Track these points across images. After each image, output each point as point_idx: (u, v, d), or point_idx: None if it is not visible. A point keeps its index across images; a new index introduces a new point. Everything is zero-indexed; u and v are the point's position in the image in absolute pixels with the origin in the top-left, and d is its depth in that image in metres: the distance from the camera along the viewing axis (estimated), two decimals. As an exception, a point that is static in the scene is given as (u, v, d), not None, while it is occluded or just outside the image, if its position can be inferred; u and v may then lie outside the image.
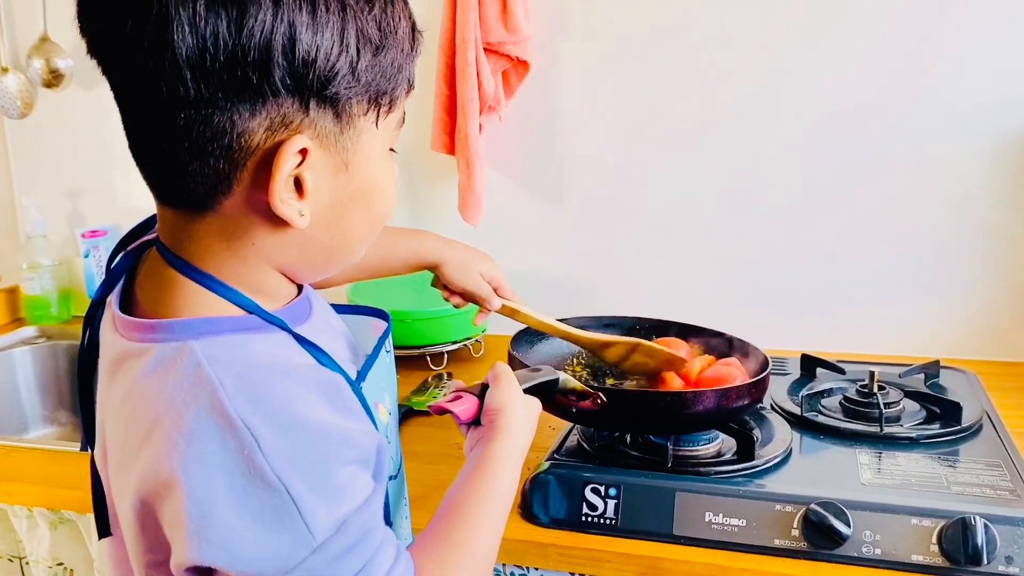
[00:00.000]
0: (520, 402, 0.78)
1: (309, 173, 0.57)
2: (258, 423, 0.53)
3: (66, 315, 1.78)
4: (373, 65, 0.58)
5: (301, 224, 0.58)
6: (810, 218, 1.40)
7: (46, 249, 1.74)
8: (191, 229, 0.59)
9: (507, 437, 0.74)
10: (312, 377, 0.59)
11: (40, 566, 1.14)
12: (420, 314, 1.40)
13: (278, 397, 0.55)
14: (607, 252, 1.51)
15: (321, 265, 0.65)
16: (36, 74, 1.69)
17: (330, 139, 0.58)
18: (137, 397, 0.57)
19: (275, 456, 0.53)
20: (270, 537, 0.53)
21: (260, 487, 0.52)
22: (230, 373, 0.55)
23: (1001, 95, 1.28)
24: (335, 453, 0.56)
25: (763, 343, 1.05)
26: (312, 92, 0.55)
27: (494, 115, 1.48)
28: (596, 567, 0.88)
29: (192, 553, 0.52)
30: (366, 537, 0.57)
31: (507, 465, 0.73)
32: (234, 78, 0.53)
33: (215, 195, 0.57)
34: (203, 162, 0.55)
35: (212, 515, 0.52)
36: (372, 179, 0.63)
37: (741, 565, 0.84)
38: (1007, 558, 0.79)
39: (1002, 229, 1.32)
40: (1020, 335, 1.35)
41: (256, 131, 0.55)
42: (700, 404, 0.90)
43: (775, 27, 1.35)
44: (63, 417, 1.65)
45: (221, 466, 0.52)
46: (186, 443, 0.53)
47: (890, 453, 0.98)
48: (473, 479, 0.71)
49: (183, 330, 0.58)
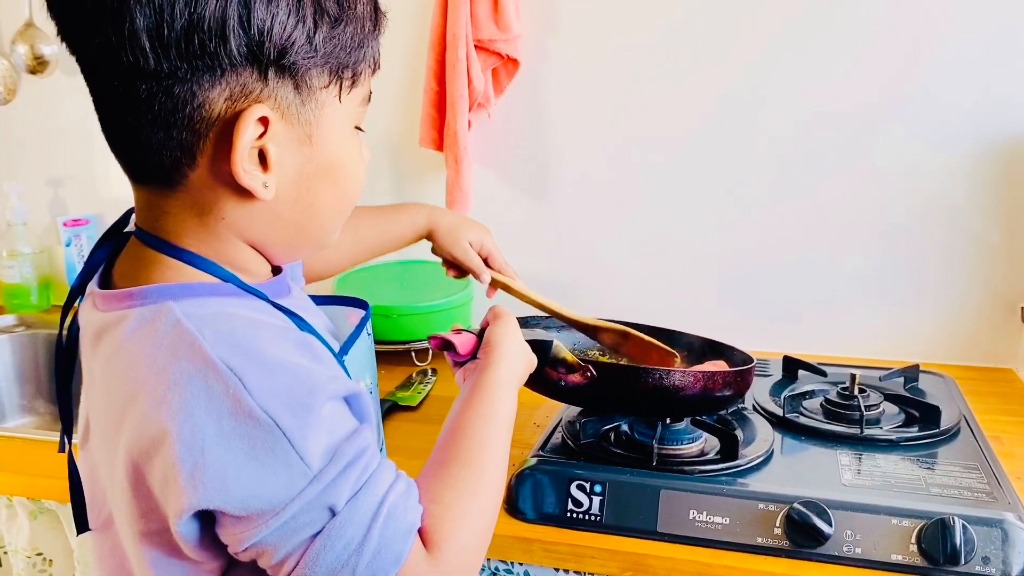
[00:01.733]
0: (517, 338, 0.80)
1: (272, 145, 0.59)
2: (240, 363, 0.54)
3: (46, 304, 1.76)
4: (331, 37, 0.59)
5: (266, 196, 0.59)
6: (794, 223, 1.41)
7: (26, 237, 1.73)
8: (164, 205, 0.61)
9: (503, 364, 0.75)
10: (289, 333, 0.61)
11: (19, 556, 1.13)
12: (405, 309, 1.40)
13: (256, 342, 0.56)
14: (591, 251, 1.52)
15: (294, 242, 0.65)
16: (20, 60, 1.67)
17: (292, 111, 0.59)
18: (118, 362, 0.58)
19: (260, 393, 0.53)
20: (265, 472, 0.53)
21: (250, 425, 0.53)
22: (208, 325, 0.56)
23: (983, 105, 1.30)
24: (318, 387, 0.56)
25: (745, 346, 1.07)
26: (270, 61, 0.57)
27: (483, 112, 1.49)
28: (580, 563, 0.89)
29: (190, 498, 0.53)
30: (358, 459, 0.57)
31: (506, 389, 0.74)
32: (191, 48, 0.54)
33: (180, 167, 0.58)
34: (167, 134, 0.57)
35: (205, 459, 0.53)
36: (337, 154, 0.64)
37: (724, 562, 0.84)
38: (984, 558, 0.81)
39: (982, 237, 1.34)
40: (997, 341, 1.37)
41: (216, 101, 0.56)
42: (687, 383, 0.91)
43: (763, 31, 1.37)
44: (41, 407, 1.63)
45: (208, 410, 0.53)
46: (172, 395, 0.53)
47: (870, 455, 1.00)
48: (472, 403, 0.71)
49: (160, 293, 0.59)
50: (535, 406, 1.09)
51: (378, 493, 0.57)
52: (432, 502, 0.61)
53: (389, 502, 0.57)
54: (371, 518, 0.56)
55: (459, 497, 0.63)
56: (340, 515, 0.55)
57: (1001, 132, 1.30)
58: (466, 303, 1.47)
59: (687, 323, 1.15)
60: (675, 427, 0.99)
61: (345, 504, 0.55)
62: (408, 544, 0.57)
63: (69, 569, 1.14)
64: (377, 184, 1.60)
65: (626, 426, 1.02)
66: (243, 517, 0.54)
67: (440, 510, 0.61)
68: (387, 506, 0.57)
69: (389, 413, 1.21)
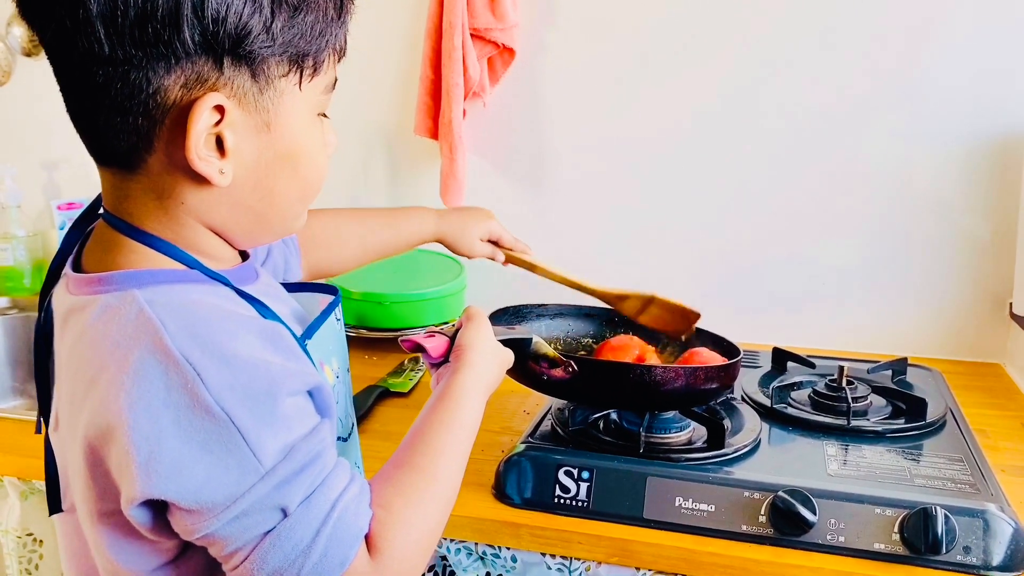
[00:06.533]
0: (489, 342, 0.80)
1: (229, 132, 0.59)
2: (199, 357, 0.54)
3: (39, 287, 1.75)
4: (291, 26, 0.59)
5: (222, 182, 0.60)
6: (786, 216, 1.42)
7: (20, 220, 1.72)
8: (126, 188, 0.61)
9: (472, 371, 0.75)
10: (253, 323, 0.61)
11: (10, 536, 1.13)
12: (398, 297, 1.41)
13: (219, 335, 0.56)
14: (583, 241, 1.53)
15: (254, 228, 0.66)
16: (16, 42, 1.67)
17: (249, 98, 0.59)
18: (83, 345, 0.58)
19: (218, 388, 0.54)
20: (218, 466, 0.54)
21: (205, 419, 0.54)
22: (171, 315, 0.56)
23: (975, 102, 1.31)
24: (278, 383, 0.57)
25: (735, 338, 1.07)
26: (225, 50, 0.57)
27: (478, 101, 1.49)
28: (567, 548, 0.90)
29: (142, 487, 0.53)
30: (314, 462, 0.58)
31: (470, 397, 0.74)
32: (145, 35, 0.54)
33: (138, 151, 0.59)
34: (123, 119, 0.57)
35: (160, 449, 0.53)
36: (297, 142, 0.63)
37: (709, 549, 0.85)
38: (965, 548, 0.82)
39: (971, 233, 1.35)
40: (985, 336, 1.38)
41: (172, 88, 0.56)
42: (669, 380, 0.92)
43: (758, 26, 1.37)
44: (33, 389, 1.61)
45: (165, 403, 0.54)
46: (131, 383, 0.54)
47: (856, 446, 1.01)
48: (436, 409, 0.72)
49: (126, 280, 0.59)
50: (526, 394, 1.09)
51: (331, 497, 0.58)
52: (381, 507, 0.62)
53: (340, 506, 0.58)
54: (321, 521, 0.57)
55: (407, 505, 0.63)
56: (292, 516, 0.56)
57: (992, 129, 1.31)
58: (459, 291, 1.48)
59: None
60: (663, 416, 1.00)
61: (298, 505, 0.56)
62: (354, 549, 0.58)
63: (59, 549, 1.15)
64: (372, 172, 1.60)
65: (615, 414, 1.03)
66: (194, 510, 0.54)
67: (387, 516, 0.61)
68: (338, 510, 0.58)
69: (381, 399, 1.22)
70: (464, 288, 1.49)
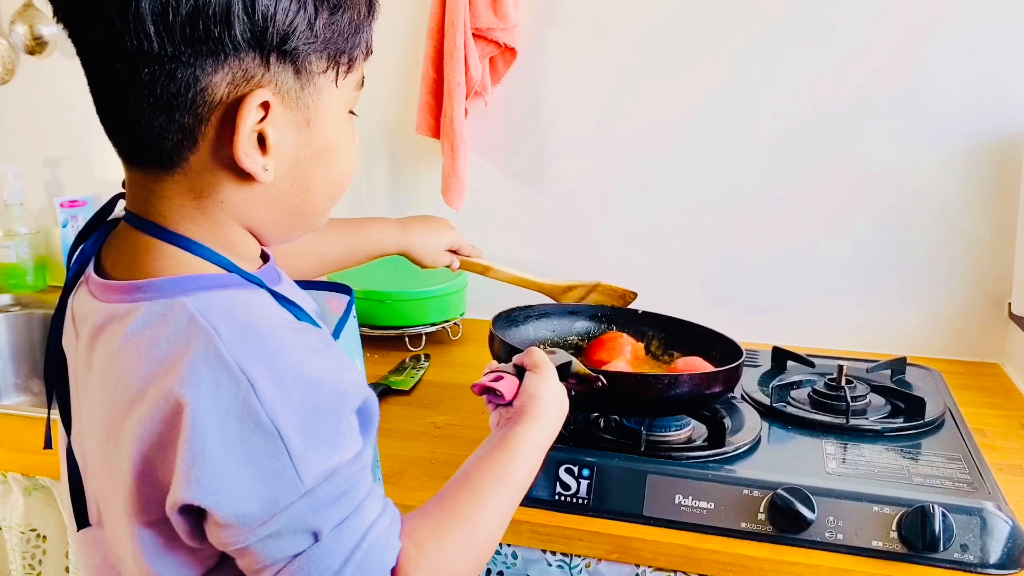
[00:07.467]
0: (556, 397, 0.78)
1: (272, 129, 0.59)
2: (254, 368, 0.54)
3: (42, 284, 1.77)
4: (331, 23, 0.60)
5: (266, 178, 0.60)
6: (786, 216, 1.42)
7: (23, 217, 1.73)
8: (160, 189, 0.61)
9: (538, 424, 0.74)
10: (303, 330, 0.61)
11: (13, 531, 1.14)
12: (399, 295, 1.41)
13: (273, 346, 0.56)
14: (584, 240, 1.53)
15: (288, 224, 0.66)
16: (19, 40, 1.67)
17: (291, 95, 0.60)
18: (125, 356, 0.57)
19: (270, 401, 0.54)
20: (259, 481, 0.54)
21: (253, 431, 0.53)
22: (224, 323, 0.56)
23: (974, 103, 1.31)
24: (329, 404, 0.56)
25: (736, 337, 1.07)
26: (272, 47, 0.57)
27: (480, 100, 1.49)
28: (568, 545, 0.90)
29: (182, 492, 0.53)
30: (352, 488, 0.58)
31: (530, 451, 0.72)
32: (196, 32, 0.54)
33: (181, 150, 0.59)
34: (168, 117, 0.57)
35: (204, 457, 0.53)
36: (333, 138, 0.64)
37: (709, 546, 0.86)
38: (962, 546, 0.82)
39: (971, 233, 1.36)
40: (984, 336, 1.38)
41: (219, 85, 0.57)
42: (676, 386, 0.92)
43: (757, 24, 1.38)
44: (36, 386, 1.64)
45: (215, 411, 0.53)
46: (182, 391, 0.53)
47: (855, 444, 1.01)
48: (492, 457, 0.70)
49: (171, 287, 0.58)
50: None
51: (362, 526, 0.58)
52: (413, 543, 0.61)
53: (371, 537, 0.58)
54: (351, 551, 0.56)
55: (440, 551, 0.62)
56: (323, 541, 0.56)
57: (992, 129, 1.31)
58: (460, 290, 1.48)
59: (679, 313, 1.16)
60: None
61: (330, 531, 0.56)
62: None
63: (63, 545, 1.15)
64: (373, 171, 1.61)
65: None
66: (230, 523, 0.54)
67: (418, 555, 0.60)
68: (368, 541, 0.57)
69: (383, 397, 1.23)
70: (465, 287, 1.50)
